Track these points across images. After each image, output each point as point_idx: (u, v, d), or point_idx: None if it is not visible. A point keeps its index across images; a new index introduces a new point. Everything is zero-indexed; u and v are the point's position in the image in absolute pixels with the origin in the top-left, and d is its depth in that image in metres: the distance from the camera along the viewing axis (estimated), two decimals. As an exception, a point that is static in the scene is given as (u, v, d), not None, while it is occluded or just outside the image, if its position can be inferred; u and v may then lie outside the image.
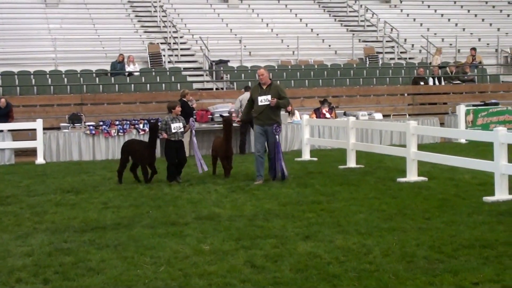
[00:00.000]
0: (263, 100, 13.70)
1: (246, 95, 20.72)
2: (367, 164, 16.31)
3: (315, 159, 17.83)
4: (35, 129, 19.29)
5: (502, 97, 26.69)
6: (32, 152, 19.49)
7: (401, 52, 31.38)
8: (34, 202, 12.12)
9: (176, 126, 13.95)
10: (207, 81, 26.98)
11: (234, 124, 16.02)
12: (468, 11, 37.30)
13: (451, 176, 13.83)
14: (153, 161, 14.13)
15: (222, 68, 26.88)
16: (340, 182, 13.57)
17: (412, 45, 32.35)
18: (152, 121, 14.97)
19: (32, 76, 24.69)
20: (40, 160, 18.97)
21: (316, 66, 27.89)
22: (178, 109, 14.16)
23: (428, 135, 21.13)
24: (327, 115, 21.37)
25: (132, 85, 24.76)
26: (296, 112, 22.25)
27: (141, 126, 20.28)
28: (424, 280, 6.82)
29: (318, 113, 21.45)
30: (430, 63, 29.25)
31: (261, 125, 13.82)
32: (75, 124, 20.41)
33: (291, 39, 30.14)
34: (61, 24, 29.65)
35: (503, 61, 32.38)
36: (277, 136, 13.78)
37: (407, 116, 22.95)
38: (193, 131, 14.80)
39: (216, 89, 25.85)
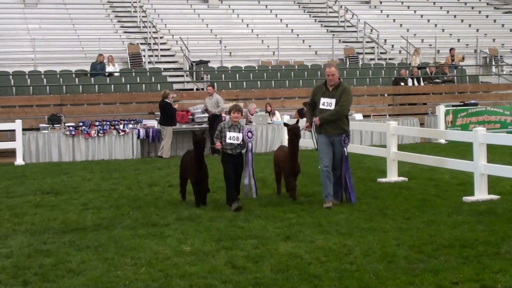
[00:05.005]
0: (326, 103, 11.19)
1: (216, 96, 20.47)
2: (348, 164, 16.31)
3: (296, 159, 17.80)
4: (14, 130, 19.13)
5: (481, 97, 26.89)
6: (11, 153, 19.32)
7: (381, 53, 31.49)
8: (13, 204, 12.02)
9: (233, 136, 11.29)
10: (188, 82, 26.92)
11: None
12: (448, 12, 37.53)
13: (431, 176, 13.90)
14: (199, 179, 11.47)
15: (202, 68, 26.84)
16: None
17: (392, 45, 32.48)
18: (197, 132, 11.96)
19: (11, 76, 24.52)
20: (19, 161, 18.81)
21: (296, 67, 27.91)
22: (235, 115, 11.35)
23: (408, 136, 21.23)
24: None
25: (112, 85, 24.65)
26: (277, 113, 22.30)
27: (121, 126, 20.19)
28: (404, 280, 6.85)
29: (301, 113, 21.42)
30: (410, 63, 29.39)
31: (327, 135, 11.33)
32: (55, 125, 20.27)
33: (272, 39, 30.17)
34: (40, 24, 29.46)
35: (482, 62, 32.58)
36: (345, 149, 11.47)
37: (387, 116, 23.05)
38: (250, 144, 11.55)
39: (197, 89, 25.79)
